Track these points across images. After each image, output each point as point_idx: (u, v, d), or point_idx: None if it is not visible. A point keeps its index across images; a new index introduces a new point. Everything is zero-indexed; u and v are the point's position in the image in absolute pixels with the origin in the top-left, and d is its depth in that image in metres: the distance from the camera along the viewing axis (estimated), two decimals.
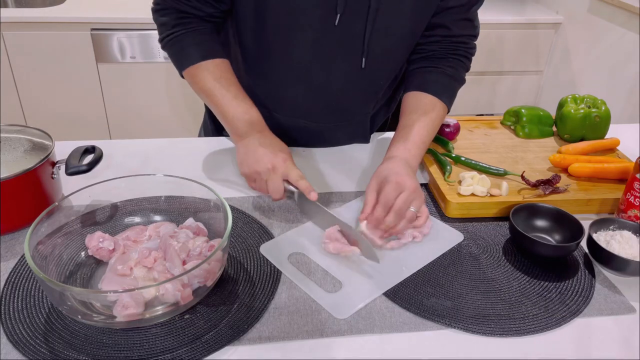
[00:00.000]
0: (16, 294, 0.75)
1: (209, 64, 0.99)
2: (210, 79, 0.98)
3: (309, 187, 0.88)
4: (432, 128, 1.02)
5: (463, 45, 1.07)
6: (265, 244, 0.87)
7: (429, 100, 1.03)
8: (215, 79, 0.98)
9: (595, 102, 1.19)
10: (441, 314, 0.75)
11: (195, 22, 1.00)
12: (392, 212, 0.85)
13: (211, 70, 0.99)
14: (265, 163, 0.90)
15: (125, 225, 0.86)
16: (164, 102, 2.46)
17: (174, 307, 0.69)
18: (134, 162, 1.08)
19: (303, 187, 0.88)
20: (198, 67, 0.99)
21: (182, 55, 1.00)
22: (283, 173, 0.89)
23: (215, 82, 0.98)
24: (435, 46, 1.07)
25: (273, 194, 0.90)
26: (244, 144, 0.95)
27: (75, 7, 2.31)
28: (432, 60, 1.07)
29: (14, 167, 0.82)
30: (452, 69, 1.07)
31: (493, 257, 0.87)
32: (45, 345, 0.67)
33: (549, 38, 2.71)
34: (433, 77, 1.06)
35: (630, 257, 0.83)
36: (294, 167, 0.90)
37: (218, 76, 0.98)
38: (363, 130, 1.19)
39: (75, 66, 2.31)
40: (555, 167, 1.08)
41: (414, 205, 0.87)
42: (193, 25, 1.00)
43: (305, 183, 0.89)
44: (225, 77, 0.99)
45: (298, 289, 0.78)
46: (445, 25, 1.03)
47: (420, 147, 0.98)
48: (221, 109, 0.98)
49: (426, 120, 1.01)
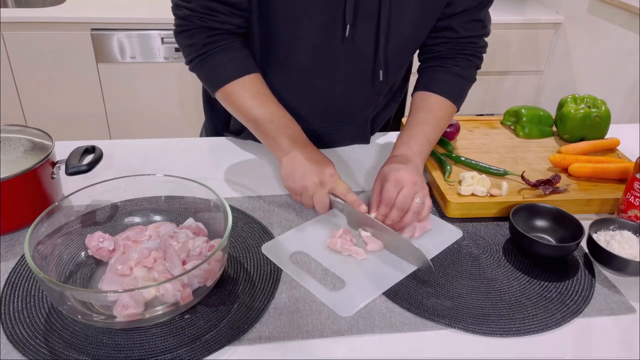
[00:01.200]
0: (16, 294, 0.75)
1: (244, 80, 0.96)
2: (248, 97, 0.96)
3: (358, 200, 0.88)
4: (437, 127, 1.01)
5: (471, 45, 1.06)
6: (267, 244, 0.87)
7: (435, 100, 1.03)
8: (253, 95, 0.96)
9: (595, 102, 1.19)
10: (441, 314, 0.75)
11: (226, 38, 0.97)
12: (394, 208, 0.86)
13: (247, 87, 0.96)
14: (312, 178, 0.89)
15: (125, 225, 0.86)
16: (164, 102, 2.46)
17: (174, 307, 0.69)
18: (134, 162, 1.08)
19: (351, 200, 0.88)
20: (233, 85, 0.96)
21: (215, 74, 0.98)
22: (330, 188, 0.89)
23: (252, 100, 0.96)
24: (442, 47, 1.06)
25: (320, 209, 0.90)
26: (289, 159, 0.92)
27: (75, 7, 2.31)
28: (440, 59, 1.07)
29: (14, 167, 0.82)
30: (461, 68, 1.06)
31: (493, 257, 0.87)
32: (45, 345, 0.67)
33: (549, 38, 2.71)
34: (440, 76, 1.05)
35: (630, 257, 0.83)
36: (341, 181, 0.90)
37: (255, 92, 0.96)
38: (363, 132, 1.19)
39: (75, 66, 2.31)
40: (555, 167, 1.08)
41: (417, 197, 0.87)
42: (224, 42, 0.96)
43: (353, 196, 0.89)
44: (262, 93, 0.97)
45: (298, 289, 0.78)
46: (452, 27, 1.03)
47: (425, 145, 0.98)
48: (261, 126, 0.96)
49: (430, 119, 1.00)
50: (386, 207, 0.87)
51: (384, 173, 0.90)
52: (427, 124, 1.00)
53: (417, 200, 0.87)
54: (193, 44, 0.97)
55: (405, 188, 0.86)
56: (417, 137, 0.98)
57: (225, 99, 0.99)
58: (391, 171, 0.89)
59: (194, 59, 0.98)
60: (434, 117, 1.01)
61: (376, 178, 0.93)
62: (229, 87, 0.97)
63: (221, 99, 1.00)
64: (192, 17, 0.95)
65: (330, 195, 0.89)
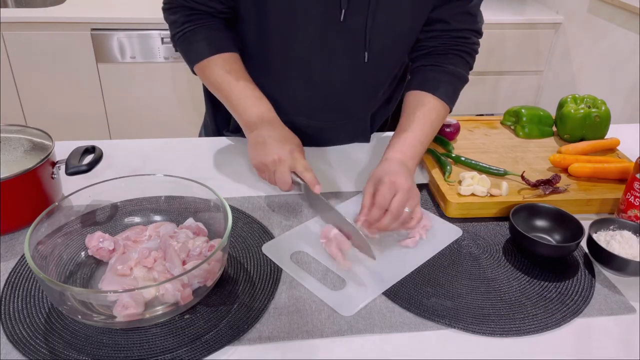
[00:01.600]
0: (16, 294, 0.75)
1: (218, 58, 1.00)
2: (220, 73, 0.99)
3: (314, 180, 0.88)
4: (430, 128, 1.01)
5: (464, 40, 1.06)
6: (267, 244, 0.87)
7: (428, 100, 1.03)
8: (226, 72, 0.99)
9: (595, 102, 1.19)
10: (441, 314, 0.75)
11: (205, 18, 1.01)
12: (388, 214, 0.85)
13: (220, 64, 1.00)
14: (271, 155, 0.90)
15: (125, 225, 0.86)
16: (164, 102, 2.46)
17: (174, 307, 0.69)
18: (134, 162, 1.08)
19: (308, 179, 0.88)
20: (208, 61, 1.00)
21: (191, 50, 1.02)
22: (290, 165, 0.89)
23: (224, 76, 0.99)
24: (435, 42, 1.06)
25: (280, 186, 0.90)
26: (254, 136, 0.95)
27: (75, 7, 2.31)
28: (433, 57, 1.07)
29: (14, 167, 0.82)
30: (454, 66, 1.06)
31: (493, 257, 0.87)
32: (45, 345, 0.67)
33: (549, 38, 2.71)
34: (433, 75, 1.05)
35: (630, 257, 0.83)
36: (301, 159, 0.90)
37: (228, 69, 0.99)
38: (364, 129, 1.19)
39: (75, 66, 2.31)
40: (555, 167, 1.08)
41: (408, 205, 0.87)
42: (202, 22, 1.01)
43: (310, 175, 0.89)
44: (234, 70, 1.00)
45: (298, 289, 0.78)
46: (444, 19, 1.03)
47: (417, 148, 0.98)
48: (231, 102, 0.99)
49: (423, 120, 1.00)
50: (379, 211, 0.85)
51: (378, 176, 0.90)
52: (420, 126, 1.00)
53: (407, 210, 0.86)
54: (175, 20, 1.02)
55: (399, 194, 0.86)
56: (410, 140, 0.98)
57: (201, 74, 1.03)
58: (386, 175, 0.88)
59: (176, 34, 1.03)
60: (428, 118, 1.01)
61: (369, 180, 0.91)
62: (203, 63, 1.00)
63: (199, 74, 1.04)
64: None
65: (292, 174, 0.89)
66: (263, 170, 0.93)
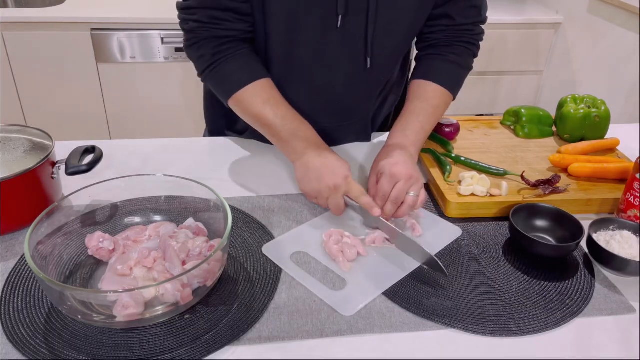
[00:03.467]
0: (16, 294, 0.75)
1: (255, 86, 0.97)
2: (259, 102, 0.97)
3: (371, 204, 0.88)
4: (433, 116, 1.02)
5: (469, 32, 1.07)
6: (267, 244, 0.87)
7: (431, 89, 1.03)
8: (264, 101, 0.97)
9: (595, 102, 1.19)
10: (441, 314, 0.75)
11: (234, 45, 0.98)
12: (388, 202, 0.87)
13: (259, 93, 0.97)
14: (327, 182, 0.89)
15: (125, 225, 0.86)
16: (163, 102, 2.46)
17: (174, 307, 0.69)
18: (134, 162, 1.08)
19: (365, 203, 0.88)
20: (244, 92, 0.97)
21: (226, 82, 0.99)
22: (345, 191, 0.89)
23: (264, 105, 0.96)
24: (439, 35, 1.07)
25: (335, 212, 0.91)
26: (303, 162, 0.93)
27: (75, 7, 2.31)
28: (438, 47, 1.07)
29: (14, 167, 0.82)
30: (457, 56, 1.06)
31: (493, 257, 0.87)
32: (45, 345, 0.67)
33: (549, 38, 2.71)
34: (437, 64, 1.06)
35: (630, 257, 0.83)
36: (355, 184, 0.90)
37: (266, 98, 0.97)
38: (365, 128, 1.19)
39: (75, 66, 2.31)
40: (555, 167, 1.08)
41: (412, 190, 0.88)
42: (232, 50, 0.98)
43: (367, 199, 0.88)
44: (273, 97, 0.98)
45: (298, 289, 0.78)
46: (449, 15, 1.03)
47: (420, 134, 0.98)
48: (274, 130, 0.97)
49: (426, 107, 1.01)
50: (381, 201, 0.88)
51: (380, 167, 0.91)
52: (423, 112, 1.00)
53: (412, 194, 0.88)
54: (202, 55, 0.98)
55: (400, 182, 0.87)
56: (413, 126, 0.98)
57: (237, 107, 1.00)
58: (387, 165, 0.90)
59: (205, 69, 0.99)
60: (430, 105, 1.01)
61: (372, 170, 0.93)
62: (239, 94, 0.98)
63: (234, 107, 1.01)
64: (199, 29, 0.96)
65: (346, 197, 0.90)
66: (316, 197, 0.92)
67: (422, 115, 1.00)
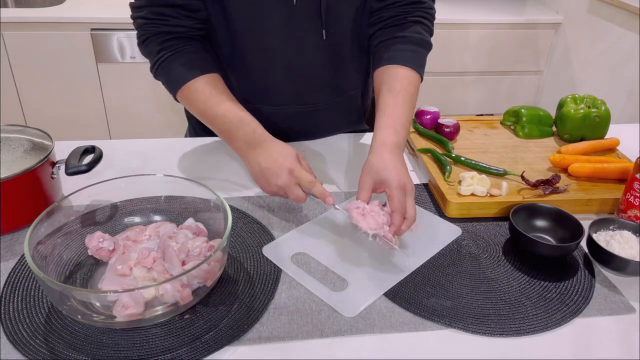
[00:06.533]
0: (16, 294, 0.75)
1: (198, 82, 0.97)
2: (201, 99, 0.97)
3: (324, 193, 0.86)
4: (411, 102, 1.00)
5: (419, 5, 1.06)
6: (268, 245, 0.87)
7: (402, 73, 1.01)
8: (205, 98, 0.96)
9: (595, 102, 1.19)
10: (441, 314, 0.75)
11: (181, 42, 0.99)
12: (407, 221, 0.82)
13: (201, 89, 0.97)
14: (275, 182, 0.89)
15: (125, 225, 0.86)
16: (164, 102, 2.46)
17: (174, 307, 0.69)
18: (134, 162, 1.08)
19: (317, 193, 0.87)
20: (189, 86, 0.97)
21: (171, 78, 0.99)
22: (295, 183, 0.88)
23: (206, 102, 0.96)
24: (391, 11, 1.06)
25: (298, 202, 0.90)
26: (249, 163, 0.94)
27: (75, 7, 2.31)
28: (393, 29, 1.06)
29: (14, 167, 0.82)
30: (416, 34, 1.05)
31: (493, 257, 0.87)
32: (45, 345, 0.67)
33: (549, 38, 2.71)
34: (399, 47, 1.04)
35: (630, 257, 0.83)
36: (304, 174, 0.88)
37: (208, 94, 0.97)
38: (356, 107, 1.19)
39: (75, 66, 2.31)
40: (555, 167, 1.08)
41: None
42: (177, 47, 0.98)
43: (319, 189, 0.87)
44: (214, 94, 0.97)
45: (298, 289, 0.78)
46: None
47: (407, 127, 0.97)
48: (218, 127, 0.97)
49: (404, 94, 0.98)
50: (401, 217, 0.82)
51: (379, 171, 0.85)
52: (404, 102, 0.97)
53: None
54: (150, 52, 1.00)
55: (410, 199, 0.83)
56: (400, 120, 0.95)
57: (184, 102, 1.01)
58: (393, 175, 0.84)
59: (153, 66, 1.01)
60: (407, 92, 0.99)
61: (366, 171, 0.87)
62: (184, 90, 0.98)
63: (182, 102, 1.02)
64: (146, 25, 0.98)
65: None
66: (276, 194, 0.93)
67: (403, 105, 0.97)
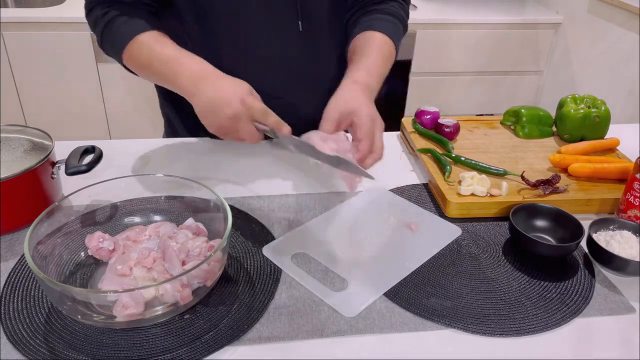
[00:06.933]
0: (16, 294, 0.75)
1: (142, 35, 0.92)
2: (145, 51, 0.91)
3: (279, 122, 0.82)
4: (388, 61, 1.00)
5: None
6: (268, 245, 0.87)
7: (378, 37, 1.02)
8: (150, 47, 0.91)
9: (595, 102, 1.19)
10: (441, 314, 0.75)
11: (126, 7, 0.94)
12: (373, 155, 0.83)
13: (145, 40, 0.92)
14: (225, 113, 0.81)
15: (125, 225, 0.86)
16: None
17: (174, 307, 0.69)
18: (134, 162, 1.08)
19: (271, 123, 0.82)
20: (132, 42, 0.92)
21: (115, 40, 0.93)
22: (248, 115, 0.82)
23: (150, 54, 0.91)
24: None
25: (249, 141, 0.84)
26: (197, 99, 0.85)
27: (75, 7, 2.31)
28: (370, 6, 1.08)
29: (14, 167, 0.82)
30: (392, 8, 1.08)
31: (493, 257, 0.87)
32: (45, 345, 0.67)
33: (549, 38, 2.71)
34: (375, 16, 1.06)
35: (630, 257, 0.83)
36: (257, 104, 0.82)
37: (153, 42, 0.92)
38: None
39: (75, 66, 2.31)
40: (555, 167, 1.08)
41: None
42: (121, 11, 0.94)
43: (273, 119, 0.82)
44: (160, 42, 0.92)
45: (298, 289, 0.78)
46: None
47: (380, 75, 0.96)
48: (162, 76, 0.91)
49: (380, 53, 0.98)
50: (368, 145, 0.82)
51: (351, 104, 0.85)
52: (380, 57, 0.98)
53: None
54: (95, 19, 0.96)
55: (379, 131, 0.84)
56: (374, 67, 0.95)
57: (130, 61, 0.95)
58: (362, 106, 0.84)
59: (99, 36, 0.97)
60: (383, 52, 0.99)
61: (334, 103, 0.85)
62: (128, 49, 0.93)
63: (128, 64, 0.96)
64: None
65: (256, 123, 0.83)
66: (225, 133, 0.84)
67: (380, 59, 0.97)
